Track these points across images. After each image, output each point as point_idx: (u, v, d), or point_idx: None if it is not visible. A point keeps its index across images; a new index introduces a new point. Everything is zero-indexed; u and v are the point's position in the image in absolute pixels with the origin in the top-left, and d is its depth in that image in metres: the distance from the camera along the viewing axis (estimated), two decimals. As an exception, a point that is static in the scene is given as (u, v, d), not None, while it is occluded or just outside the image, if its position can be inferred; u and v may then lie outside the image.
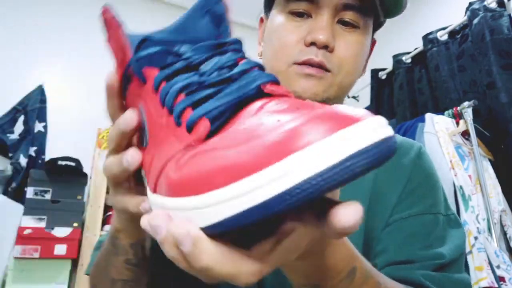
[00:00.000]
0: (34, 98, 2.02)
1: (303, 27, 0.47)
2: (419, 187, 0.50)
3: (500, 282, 1.24)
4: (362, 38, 0.49)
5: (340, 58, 0.47)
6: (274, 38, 0.49)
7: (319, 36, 0.45)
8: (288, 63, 0.47)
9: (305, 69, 0.46)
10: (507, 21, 1.57)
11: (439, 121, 1.53)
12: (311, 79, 0.46)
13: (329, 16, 0.47)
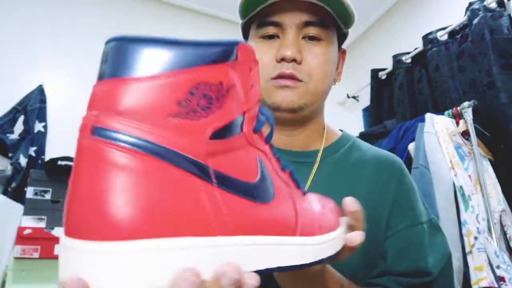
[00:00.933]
0: (34, 98, 2.02)
1: (274, 47, 0.55)
2: (406, 202, 0.58)
3: (500, 282, 1.24)
4: (326, 48, 0.56)
5: (309, 68, 0.54)
6: None
7: (286, 52, 0.53)
8: (266, 79, 0.54)
9: (280, 81, 0.53)
10: (507, 21, 1.57)
11: (439, 121, 1.53)
12: (286, 90, 0.54)
13: (293, 34, 0.54)
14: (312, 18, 0.54)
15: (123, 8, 2.48)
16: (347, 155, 0.61)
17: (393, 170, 0.60)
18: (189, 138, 0.22)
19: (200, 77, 0.23)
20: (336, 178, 0.58)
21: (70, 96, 2.19)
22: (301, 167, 0.58)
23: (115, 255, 0.19)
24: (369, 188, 0.57)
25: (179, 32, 2.61)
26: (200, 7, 2.67)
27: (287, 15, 0.54)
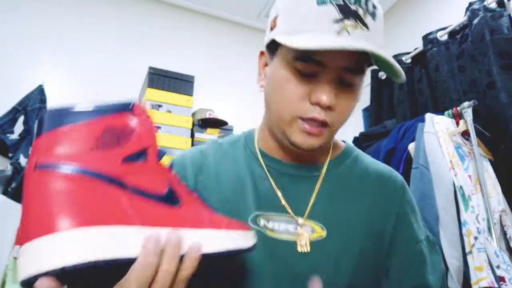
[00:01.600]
0: (34, 98, 2.02)
1: (308, 85, 0.52)
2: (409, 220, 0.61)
3: (500, 282, 1.24)
4: (357, 94, 0.55)
5: (338, 114, 0.54)
6: (279, 90, 0.54)
7: (324, 98, 0.51)
8: (292, 116, 0.53)
9: (307, 127, 0.53)
10: (507, 21, 1.57)
11: (439, 121, 1.53)
12: (312, 137, 0.54)
13: (332, 78, 0.52)
14: (353, 64, 0.52)
15: (123, 8, 2.48)
16: (350, 169, 0.63)
17: (396, 187, 0.63)
18: (106, 163, 0.33)
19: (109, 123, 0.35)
20: (340, 192, 0.60)
21: (70, 96, 2.19)
22: (304, 183, 0.60)
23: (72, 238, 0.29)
24: (372, 203, 0.60)
25: (179, 32, 2.61)
26: (199, 7, 2.67)
27: (332, 57, 0.50)
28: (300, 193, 0.59)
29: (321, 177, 0.60)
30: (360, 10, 0.49)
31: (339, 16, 0.49)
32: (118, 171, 0.34)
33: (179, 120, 2.04)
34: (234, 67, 2.66)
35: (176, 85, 2.10)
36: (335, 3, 0.49)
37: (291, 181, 0.60)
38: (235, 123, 2.27)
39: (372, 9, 0.51)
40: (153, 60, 2.24)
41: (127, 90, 2.32)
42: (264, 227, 0.56)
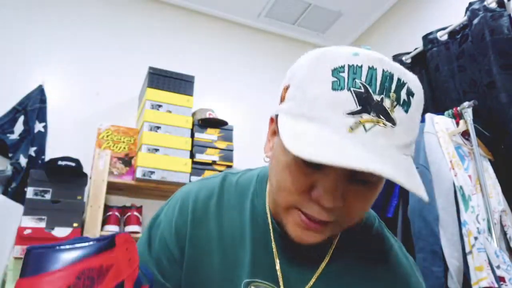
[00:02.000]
0: (34, 98, 2.02)
1: (311, 176, 0.42)
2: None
3: (500, 282, 1.24)
4: (373, 192, 0.44)
5: (349, 211, 0.44)
6: (279, 173, 0.45)
7: (325, 201, 0.41)
8: (289, 205, 0.45)
9: (306, 222, 0.44)
10: (507, 21, 1.57)
11: (439, 121, 1.53)
12: (309, 233, 0.44)
13: (339, 175, 0.41)
14: None
15: (123, 8, 2.48)
16: (363, 251, 0.54)
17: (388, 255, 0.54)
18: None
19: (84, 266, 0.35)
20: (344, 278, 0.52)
21: (70, 96, 2.19)
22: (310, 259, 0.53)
23: None
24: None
25: (179, 32, 2.61)
26: (199, 7, 2.67)
27: None
28: (300, 269, 0.52)
29: (329, 255, 0.52)
30: (387, 102, 0.39)
31: (356, 107, 0.38)
32: None
33: (179, 120, 2.04)
34: (234, 67, 2.66)
35: (176, 85, 2.10)
36: (353, 90, 0.39)
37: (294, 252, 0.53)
38: (235, 123, 2.27)
39: (406, 97, 0.40)
40: (153, 60, 2.24)
41: (127, 90, 2.32)
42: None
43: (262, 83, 2.65)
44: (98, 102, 2.23)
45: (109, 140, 1.97)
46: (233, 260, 0.54)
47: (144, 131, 1.95)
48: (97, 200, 1.78)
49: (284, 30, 2.83)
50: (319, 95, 0.40)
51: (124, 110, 2.28)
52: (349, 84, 0.39)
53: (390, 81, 0.39)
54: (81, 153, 1.91)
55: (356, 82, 0.39)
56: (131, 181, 1.90)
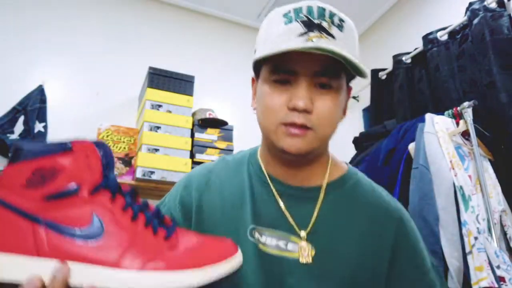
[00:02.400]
0: (34, 98, 2.02)
1: (285, 93, 0.57)
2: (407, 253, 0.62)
3: (500, 282, 1.24)
4: (336, 96, 0.58)
5: (318, 117, 0.56)
6: (263, 103, 0.60)
7: (299, 103, 0.55)
8: (275, 124, 0.58)
9: (291, 130, 0.56)
10: (507, 21, 1.57)
11: (439, 121, 1.53)
12: (295, 138, 0.57)
13: (306, 84, 0.56)
14: (324, 68, 0.56)
15: (124, 8, 2.48)
16: (350, 194, 0.65)
17: (393, 218, 0.63)
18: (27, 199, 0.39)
19: (38, 164, 0.40)
20: (339, 216, 0.62)
21: (70, 96, 2.20)
22: (306, 204, 0.63)
23: None
24: (366, 231, 0.61)
25: (179, 32, 2.61)
26: (199, 7, 2.67)
27: (301, 64, 0.55)
28: (301, 213, 0.62)
29: (320, 199, 0.63)
30: (324, 23, 0.55)
31: (303, 30, 0.54)
32: (35, 208, 0.39)
33: (179, 120, 2.04)
34: (234, 67, 2.66)
35: (176, 85, 2.10)
36: (300, 20, 0.55)
37: (293, 201, 0.63)
38: (235, 123, 2.27)
39: (338, 22, 0.56)
40: (153, 60, 2.24)
41: (127, 90, 2.32)
42: (258, 240, 0.59)
43: (262, 83, 2.65)
44: (98, 102, 2.23)
45: (109, 140, 1.97)
46: (236, 216, 0.62)
47: (144, 131, 1.95)
48: (97, 200, 1.78)
49: (284, 30, 2.82)
50: (276, 31, 0.57)
51: (124, 110, 2.28)
52: (295, 18, 0.56)
53: (323, 11, 0.56)
54: (81, 153, 1.91)
55: (300, 16, 0.56)
56: (131, 181, 1.90)
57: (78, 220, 0.39)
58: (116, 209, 0.41)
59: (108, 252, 0.38)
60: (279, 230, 0.60)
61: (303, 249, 0.58)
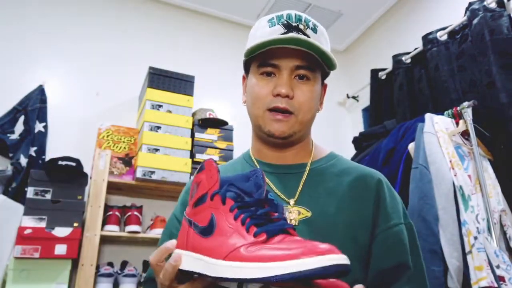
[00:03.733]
0: (34, 98, 2.02)
1: (271, 83, 0.69)
2: (387, 206, 0.68)
3: (500, 282, 1.24)
4: (313, 86, 0.70)
5: (298, 102, 0.68)
6: (252, 92, 0.71)
7: (282, 89, 0.66)
8: (262, 110, 0.69)
9: (276, 116, 0.67)
10: (506, 21, 1.57)
11: (438, 121, 1.53)
12: (279, 122, 0.68)
13: (287, 75, 0.68)
14: (302, 62, 0.68)
15: (123, 8, 2.49)
16: (332, 167, 0.74)
17: (373, 180, 0.71)
18: (188, 209, 0.53)
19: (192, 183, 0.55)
20: (321, 185, 0.70)
21: (70, 96, 2.20)
22: (292, 177, 0.71)
23: None
24: (350, 193, 0.68)
25: (179, 32, 2.61)
26: (200, 7, 2.67)
27: (283, 59, 0.68)
28: (288, 185, 0.70)
29: (306, 173, 0.72)
30: (301, 26, 0.68)
31: (284, 30, 0.67)
32: (190, 214, 0.52)
33: (179, 120, 2.05)
34: (234, 67, 2.66)
35: (176, 85, 2.10)
36: (281, 23, 0.68)
37: (280, 177, 0.72)
38: (235, 123, 2.27)
39: (313, 26, 0.69)
40: (153, 60, 2.25)
41: (127, 90, 2.32)
42: None
43: (262, 83, 2.65)
44: (99, 102, 2.23)
45: (109, 140, 1.97)
46: None
47: (144, 131, 1.95)
48: (97, 200, 1.79)
49: (284, 30, 2.83)
50: (261, 32, 0.70)
51: (124, 110, 2.28)
52: (277, 22, 0.69)
53: (300, 17, 0.69)
54: (81, 153, 1.92)
55: (281, 20, 0.69)
56: (131, 181, 1.91)
57: (201, 221, 0.49)
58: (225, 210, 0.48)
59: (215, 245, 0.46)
60: None
61: (290, 213, 0.66)
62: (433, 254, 1.30)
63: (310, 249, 0.39)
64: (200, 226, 0.49)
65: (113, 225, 1.86)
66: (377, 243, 0.65)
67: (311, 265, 0.38)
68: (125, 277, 1.82)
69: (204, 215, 0.49)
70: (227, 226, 0.47)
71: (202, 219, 0.49)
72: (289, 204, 0.67)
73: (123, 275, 1.83)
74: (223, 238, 0.46)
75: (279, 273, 0.38)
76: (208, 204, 0.50)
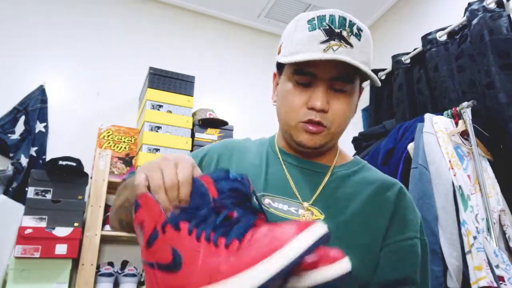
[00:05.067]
0: (35, 98, 2.03)
1: (306, 94, 0.65)
2: (403, 219, 0.67)
3: (499, 282, 1.25)
4: (349, 98, 0.66)
5: (333, 117, 0.65)
6: (285, 101, 0.67)
7: (317, 103, 0.63)
8: (296, 121, 0.66)
9: (308, 127, 0.65)
10: (506, 21, 1.58)
11: (438, 121, 1.54)
12: (311, 135, 0.65)
13: (324, 87, 0.64)
14: (340, 74, 0.63)
15: (124, 8, 2.49)
16: (354, 174, 0.72)
17: (392, 190, 0.69)
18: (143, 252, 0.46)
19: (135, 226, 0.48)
20: (339, 190, 0.68)
21: (71, 96, 2.20)
22: (314, 176, 0.70)
23: None
24: (368, 202, 0.67)
25: (180, 32, 2.61)
26: (200, 7, 2.68)
27: (321, 69, 0.63)
28: (307, 183, 0.68)
29: (327, 175, 0.70)
30: (344, 32, 0.62)
31: (325, 38, 0.62)
32: (148, 256, 0.46)
33: (179, 120, 2.05)
34: (234, 67, 2.67)
35: (176, 85, 2.11)
36: (322, 28, 0.62)
37: (301, 173, 0.70)
38: (235, 123, 2.27)
39: (357, 31, 0.64)
40: (153, 60, 2.25)
41: (127, 90, 2.32)
42: (269, 205, 0.65)
43: (262, 83, 2.65)
44: (99, 102, 2.23)
45: (109, 140, 1.98)
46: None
47: (145, 131, 1.96)
48: (98, 199, 1.79)
49: (284, 31, 2.83)
50: (301, 36, 0.64)
51: (124, 110, 2.29)
52: (318, 26, 0.63)
53: (344, 21, 0.63)
54: (82, 153, 1.92)
55: (323, 24, 0.63)
56: (131, 181, 1.91)
57: (163, 257, 0.44)
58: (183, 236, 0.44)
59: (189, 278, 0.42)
60: (291, 198, 0.66)
61: (303, 215, 0.64)
62: (432, 254, 1.30)
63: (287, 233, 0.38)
64: (164, 264, 0.44)
65: (114, 225, 1.87)
66: (387, 253, 0.63)
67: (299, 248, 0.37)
68: (126, 277, 1.83)
69: (163, 252, 0.44)
70: (194, 251, 0.42)
71: (163, 256, 0.44)
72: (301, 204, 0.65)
73: (124, 275, 1.83)
74: (194, 266, 0.41)
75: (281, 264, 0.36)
76: (161, 239, 0.44)
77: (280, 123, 0.71)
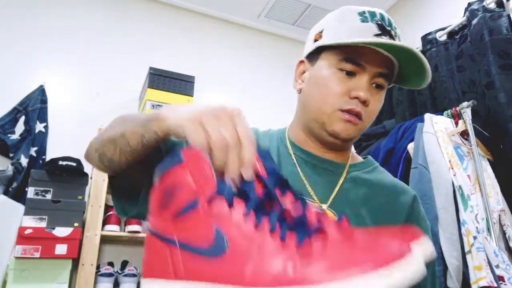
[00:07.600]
0: (35, 99, 2.03)
1: (348, 82, 0.62)
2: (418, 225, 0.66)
3: (499, 282, 1.25)
4: (383, 95, 0.66)
5: (370, 111, 0.64)
6: (323, 86, 0.64)
7: (362, 94, 0.61)
8: (333, 108, 0.62)
9: (347, 116, 0.62)
10: (506, 21, 1.58)
11: (438, 121, 1.54)
12: (348, 124, 0.62)
13: (369, 79, 0.62)
14: (385, 70, 0.63)
15: (124, 8, 2.49)
16: (368, 174, 0.71)
17: (408, 196, 0.70)
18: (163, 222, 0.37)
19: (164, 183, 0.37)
20: (354, 191, 0.67)
21: (70, 96, 2.20)
22: (329, 175, 0.68)
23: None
24: (382, 205, 0.66)
25: (180, 32, 2.61)
26: (200, 7, 2.68)
27: (371, 62, 0.62)
28: (323, 184, 0.66)
29: (343, 176, 0.68)
30: (392, 32, 0.64)
31: (378, 31, 0.62)
32: (170, 229, 0.36)
33: (179, 120, 2.05)
34: (234, 68, 2.67)
35: (176, 85, 2.11)
36: (375, 22, 0.63)
37: (314, 171, 0.67)
38: (235, 123, 2.27)
39: (399, 34, 0.67)
40: (153, 60, 2.25)
41: (127, 90, 2.32)
42: None
43: (262, 83, 2.66)
44: (99, 102, 2.23)
45: (109, 140, 1.98)
46: None
47: (145, 131, 1.96)
48: (98, 200, 1.79)
49: (284, 31, 2.83)
50: (352, 27, 0.63)
51: (124, 110, 2.28)
52: (371, 20, 0.63)
53: (391, 22, 0.65)
54: (82, 153, 1.91)
55: (375, 19, 0.63)
56: (131, 181, 1.91)
57: (201, 238, 0.35)
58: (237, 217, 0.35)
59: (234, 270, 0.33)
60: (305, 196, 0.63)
61: None
62: (432, 253, 1.30)
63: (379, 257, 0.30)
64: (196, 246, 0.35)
65: (114, 225, 1.87)
66: None
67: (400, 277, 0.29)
68: (126, 277, 1.83)
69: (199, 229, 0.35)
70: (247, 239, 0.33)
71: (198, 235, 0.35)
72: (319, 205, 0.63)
73: (124, 275, 1.83)
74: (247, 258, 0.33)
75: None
76: (203, 213, 0.35)
77: (309, 111, 0.66)
